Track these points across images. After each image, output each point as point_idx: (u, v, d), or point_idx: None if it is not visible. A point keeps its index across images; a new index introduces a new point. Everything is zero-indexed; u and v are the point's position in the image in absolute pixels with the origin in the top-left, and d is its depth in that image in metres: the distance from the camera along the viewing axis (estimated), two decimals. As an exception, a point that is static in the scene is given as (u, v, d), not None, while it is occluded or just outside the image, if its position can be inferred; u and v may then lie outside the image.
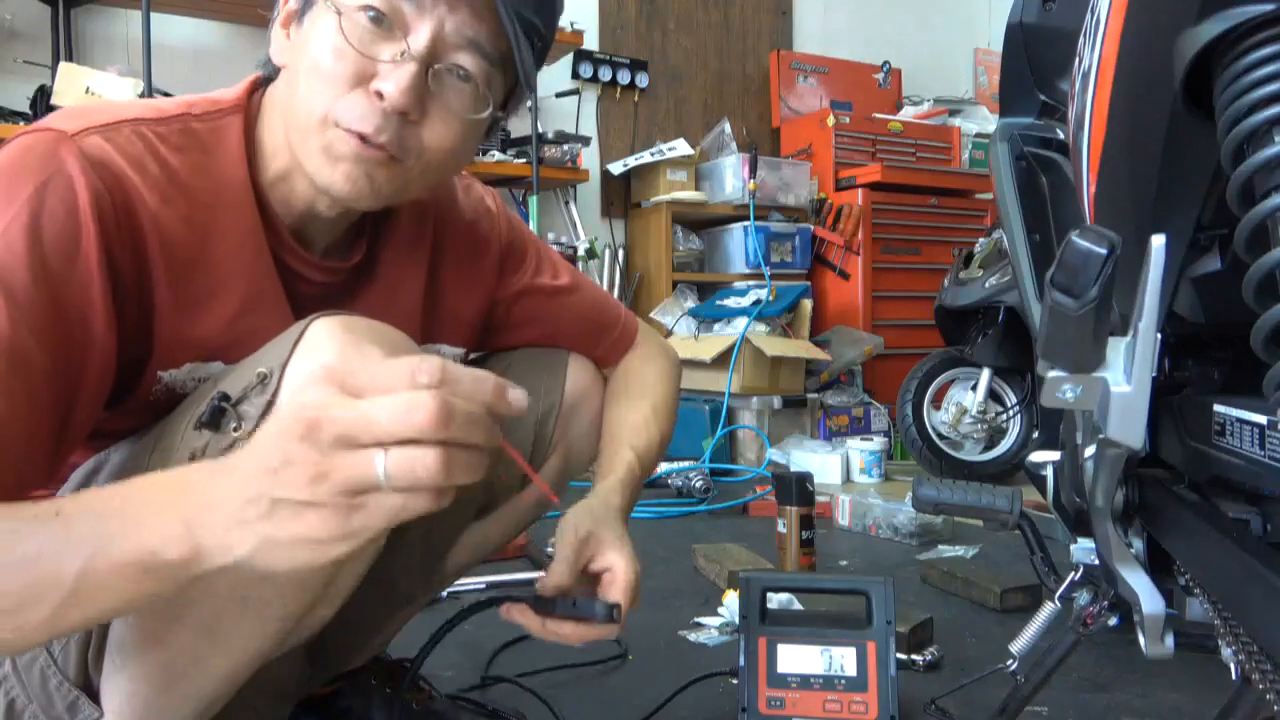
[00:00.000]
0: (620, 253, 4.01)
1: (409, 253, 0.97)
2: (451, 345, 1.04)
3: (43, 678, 0.80)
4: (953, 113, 4.62)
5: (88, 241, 0.70)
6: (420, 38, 0.76)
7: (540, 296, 1.09)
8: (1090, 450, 0.77)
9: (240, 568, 0.56)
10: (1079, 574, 0.99)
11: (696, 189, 3.91)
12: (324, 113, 0.77)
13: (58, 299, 0.68)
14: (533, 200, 3.50)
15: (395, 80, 0.75)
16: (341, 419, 0.52)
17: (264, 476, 0.53)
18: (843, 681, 1.09)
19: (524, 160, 3.50)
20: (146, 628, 0.76)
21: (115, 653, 0.77)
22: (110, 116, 0.76)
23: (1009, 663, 1.08)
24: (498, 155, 3.45)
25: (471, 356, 1.10)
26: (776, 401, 3.42)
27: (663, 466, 2.72)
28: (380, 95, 0.76)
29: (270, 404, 0.74)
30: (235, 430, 0.74)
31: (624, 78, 4.11)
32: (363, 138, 0.77)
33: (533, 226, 3.30)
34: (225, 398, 0.75)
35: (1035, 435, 2.94)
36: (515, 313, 1.09)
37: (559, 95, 3.92)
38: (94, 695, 0.79)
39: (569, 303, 1.11)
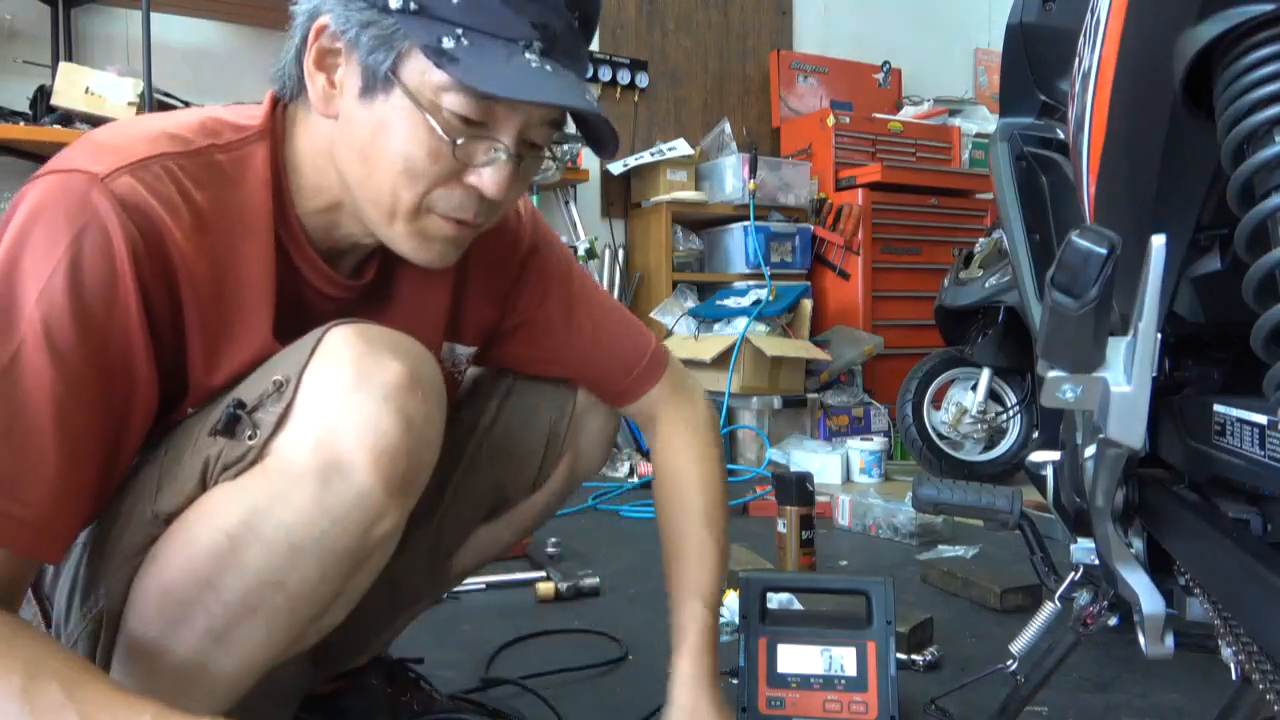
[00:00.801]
0: (620, 253, 4.01)
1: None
2: (465, 345, 1.04)
3: None
4: (953, 113, 4.62)
5: (125, 287, 0.71)
6: (510, 133, 0.78)
7: (555, 329, 1.06)
8: (1090, 450, 0.77)
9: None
10: (1079, 574, 1.00)
11: (696, 189, 3.91)
12: (416, 203, 0.79)
13: (101, 347, 0.70)
14: (533, 200, 3.51)
15: (493, 179, 0.78)
16: None
17: None
18: (843, 681, 1.09)
19: (524, 160, 3.49)
20: (156, 634, 0.76)
21: (124, 658, 0.78)
22: (139, 152, 0.74)
23: (1009, 663, 1.08)
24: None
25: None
26: (776, 401, 3.42)
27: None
28: (476, 188, 0.79)
29: (287, 411, 0.74)
30: (250, 438, 0.75)
31: (624, 78, 4.10)
32: (460, 222, 0.81)
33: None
34: (241, 405, 0.75)
35: (1035, 435, 2.93)
36: (521, 334, 1.06)
37: (559, 95, 3.91)
38: None
39: (583, 344, 1.07)
